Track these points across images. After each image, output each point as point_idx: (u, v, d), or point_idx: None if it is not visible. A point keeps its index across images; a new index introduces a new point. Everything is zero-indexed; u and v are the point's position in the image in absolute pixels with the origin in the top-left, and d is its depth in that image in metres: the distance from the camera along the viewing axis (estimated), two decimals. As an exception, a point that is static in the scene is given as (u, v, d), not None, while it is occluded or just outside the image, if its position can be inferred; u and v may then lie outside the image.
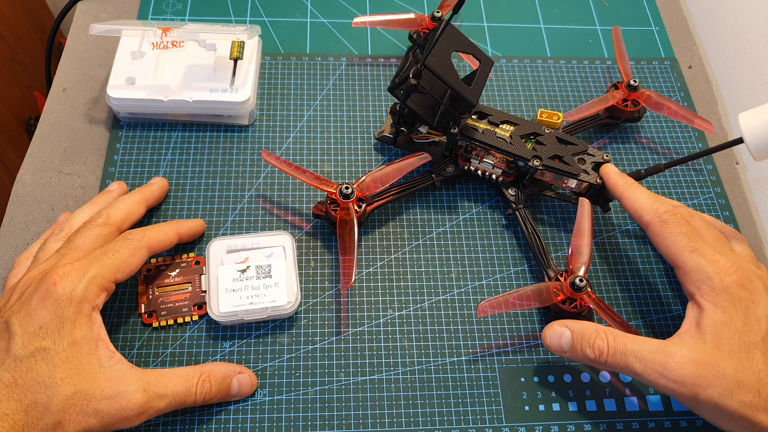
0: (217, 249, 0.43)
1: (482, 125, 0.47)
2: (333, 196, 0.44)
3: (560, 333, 0.40)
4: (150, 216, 0.47)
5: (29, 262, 0.41)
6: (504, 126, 0.47)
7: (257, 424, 0.40)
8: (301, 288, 0.44)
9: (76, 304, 0.35)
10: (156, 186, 0.46)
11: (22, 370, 0.33)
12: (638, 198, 0.42)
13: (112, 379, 0.35)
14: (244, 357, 0.42)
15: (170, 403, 0.36)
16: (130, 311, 0.43)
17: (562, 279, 0.43)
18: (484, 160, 0.47)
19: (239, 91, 0.49)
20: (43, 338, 0.34)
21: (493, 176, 0.48)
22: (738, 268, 0.37)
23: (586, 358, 0.39)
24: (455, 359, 0.43)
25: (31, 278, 0.36)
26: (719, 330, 0.36)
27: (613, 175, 0.45)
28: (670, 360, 0.36)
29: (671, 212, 0.41)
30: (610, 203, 0.48)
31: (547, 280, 0.44)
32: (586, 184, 0.46)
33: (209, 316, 0.41)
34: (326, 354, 0.43)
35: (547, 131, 0.47)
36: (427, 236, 0.48)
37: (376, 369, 0.42)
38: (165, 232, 0.42)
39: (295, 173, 0.45)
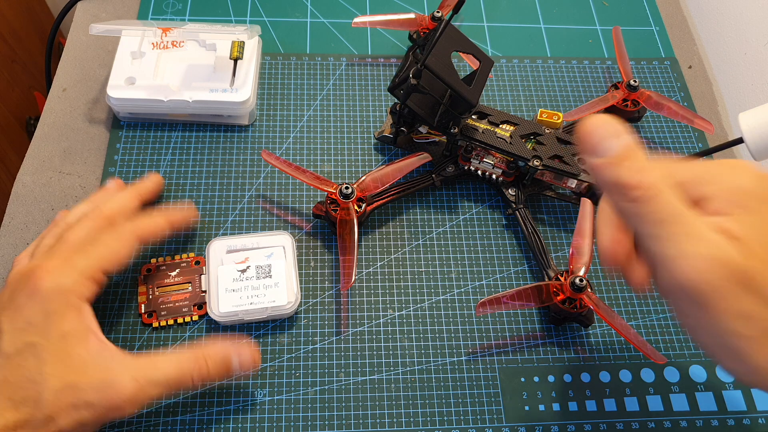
0: (217, 249, 0.43)
1: (482, 125, 0.47)
2: (333, 196, 0.44)
3: (614, 133, 0.28)
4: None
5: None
6: (504, 126, 0.47)
7: (257, 424, 0.40)
8: (301, 288, 0.44)
9: (63, 296, 0.35)
10: (151, 182, 0.46)
11: (12, 367, 0.33)
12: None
13: (102, 370, 0.34)
14: (244, 357, 0.42)
15: (165, 389, 0.36)
16: (130, 311, 0.43)
17: (562, 279, 0.43)
18: (484, 160, 0.47)
19: (239, 91, 0.49)
20: (32, 333, 0.33)
21: (493, 176, 0.48)
22: None
23: (614, 182, 0.27)
24: (455, 359, 0.43)
25: (20, 274, 0.36)
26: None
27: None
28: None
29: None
30: (610, 203, 0.48)
31: (547, 280, 0.44)
32: (586, 184, 0.46)
33: (209, 316, 0.41)
34: (326, 354, 0.43)
35: (547, 131, 0.47)
36: (427, 236, 0.48)
37: (376, 369, 0.42)
38: (154, 221, 0.41)
39: (295, 173, 0.45)
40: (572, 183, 0.47)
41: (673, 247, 0.27)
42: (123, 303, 0.43)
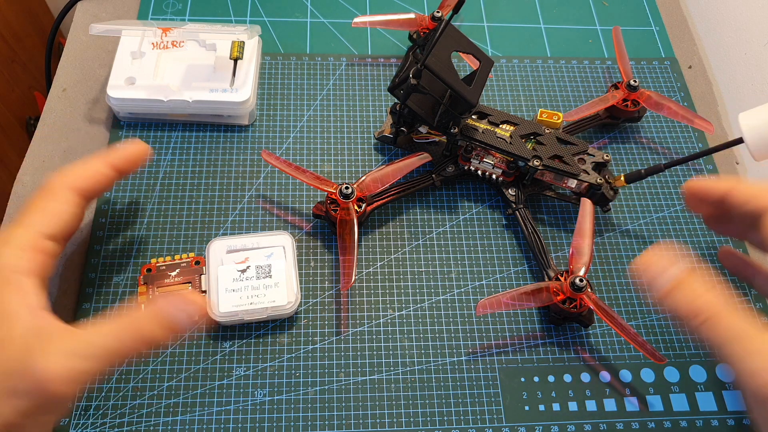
0: (217, 249, 0.43)
1: (482, 125, 0.47)
2: (333, 196, 0.44)
3: (666, 266, 0.32)
4: (152, 213, 0.47)
5: None
6: (504, 126, 0.47)
7: (257, 424, 0.40)
8: (301, 288, 0.44)
9: None
10: (128, 147, 0.39)
11: None
12: (753, 185, 0.37)
13: (28, 350, 0.30)
14: (244, 357, 0.42)
15: (105, 362, 0.31)
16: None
17: (562, 279, 0.43)
18: (484, 160, 0.47)
19: (239, 91, 0.49)
20: None
21: (493, 176, 0.48)
22: None
23: (676, 311, 0.32)
24: (455, 359, 0.43)
25: None
26: None
27: (703, 181, 0.40)
28: None
29: None
30: (610, 203, 0.48)
31: (547, 280, 0.44)
32: (586, 184, 0.46)
33: (209, 316, 0.41)
34: (326, 354, 0.43)
35: (547, 131, 0.47)
36: (427, 236, 0.48)
37: (376, 369, 0.42)
38: (90, 167, 0.36)
39: (295, 173, 0.45)
40: (572, 183, 0.47)
41: (740, 364, 0.29)
42: (123, 303, 0.43)
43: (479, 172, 0.48)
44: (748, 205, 0.36)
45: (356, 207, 0.44)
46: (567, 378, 0.43)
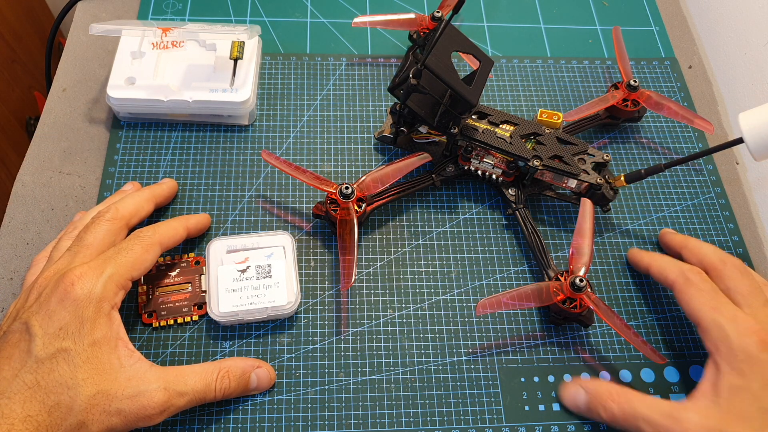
0: (217, 249, 0.43)
1: (482, 125, 0.47)
2: (333, 196, 0.44)
3: (575, 392, 0.41)
4: (154, 217, 0.47)
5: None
6: (504, 126, 0.47)
7: (257, 424, 0.40)
8: (301, 288, 0.44)
9: (95, 303, 0.35)
10: (166, 186, 0.46)
11: (44, 372, 0.33)
12: (664, 260, 0.44)
13: (132, 379, 0.35)
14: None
15: (190, 400, 0.37)
16: (130, 311, 0.43)
17: (562, 279, 0.43)
18: (484, 160, 0.47)
19: (239, 91, 0.49)
20: (64, 339, 0.34)
21: (493, 176, 0.48)
22: (762, 327, 0.37)
23: (600, 418, 0.40)
24: (455, 359, 0.43)
25: (47, 279, 0.36)
26: (734, 394, 0.36)
27: (637, 252, 0.47)
28: (680, 427, 0.36)
29: (696, 270, 0.41)
30: (610, 203, 0.48)
31: (547, 280, 0.44)
32: (586, 184, 0.46)
33: (209, 316, 0.41)
34: (326, 354, 0.43)
35: (547, 131, 0.47)
36: (427, 236, 0.48)
37: (376, 369, 0.42)
38: (174, 228, 0.42)
39: (295, 173, 0.45)
40: (572, 183, 0.47)
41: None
42: (123, 303, 0.43)
43: (479, 172, 0.48)
44: (661, 281, 0.44)
45: (356, 207, 0.44)
46: (567, 378, 0.43)
